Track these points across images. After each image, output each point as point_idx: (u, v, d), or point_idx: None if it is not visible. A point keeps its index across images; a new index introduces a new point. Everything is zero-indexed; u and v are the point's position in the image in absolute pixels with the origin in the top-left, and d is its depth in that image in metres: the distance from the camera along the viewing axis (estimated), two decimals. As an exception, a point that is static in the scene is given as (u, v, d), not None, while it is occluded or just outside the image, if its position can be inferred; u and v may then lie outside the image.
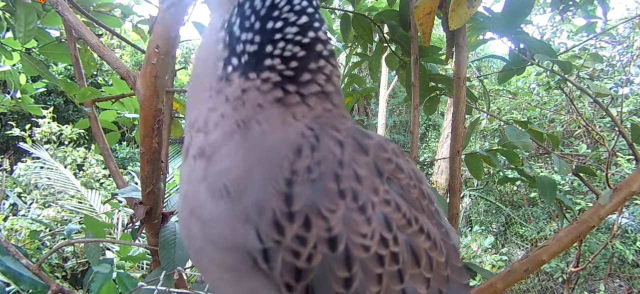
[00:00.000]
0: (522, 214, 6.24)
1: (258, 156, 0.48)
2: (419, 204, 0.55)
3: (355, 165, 0.49)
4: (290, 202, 0.45)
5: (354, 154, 0.49)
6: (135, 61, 8.61)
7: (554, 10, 2.49)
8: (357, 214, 0.47)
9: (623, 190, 1.18)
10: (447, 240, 0.60)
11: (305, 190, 0.46)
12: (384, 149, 0.53)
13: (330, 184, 0.46)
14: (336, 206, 0.46)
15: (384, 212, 0.49)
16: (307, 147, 0.47)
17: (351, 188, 0.47)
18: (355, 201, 0.47)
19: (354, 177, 0.48)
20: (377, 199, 0.49)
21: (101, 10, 1.77)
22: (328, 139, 0.49)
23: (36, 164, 5.18)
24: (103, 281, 1.40)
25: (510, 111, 6.10)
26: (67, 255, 4.11)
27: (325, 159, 0.47)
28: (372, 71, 2.06)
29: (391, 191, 0.51)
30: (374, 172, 0.50)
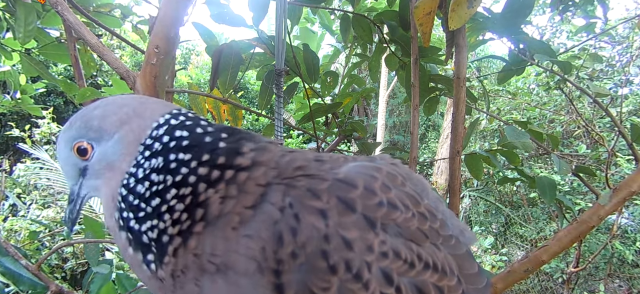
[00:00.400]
0: (522, 214, 6.24)
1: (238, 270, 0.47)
2: (420, 234, 0.54)
3: (343, 231, 0.47)
4: (282, 291, 0.45)
5: (339, 219, 0.47)
6: (135, 61, 8.61)
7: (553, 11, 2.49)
8: (353, 283, 0.46)
9: (623, 190, 1.18)
10: (458, 251, 0.59)
11: (295, 276, 0.45)
12: (372, 193, 0.51)
13: (319, 263, 0.45)
14: (329, 282, 0.45)
15: (381, 267, 0.48)
16: (287, 232, 0.46)
17: (342, 259, 0.46)
18: (348, 271, 0.46)
19: (343, 246, 0.46)
20: (372, 257, 0.48)
21: (101, 10, 1.77)
22: (308, 214, 0.47)
23: (36, 165, 5.18)
24: (102, 282, 1.40)
25: (509, 111, 6.10)
26: (67, 256, 4.10)
27: (309, 240, 0.46)
28: (371, 72, 2.06)
29: (388, 237, 0.50)
30: (365, 227, 0.48)
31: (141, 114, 0.54)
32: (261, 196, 0.49)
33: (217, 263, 0.48)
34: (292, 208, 0.47)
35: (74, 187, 0.58)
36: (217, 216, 0.49)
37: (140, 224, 0.51)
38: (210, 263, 0.48)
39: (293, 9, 1.71)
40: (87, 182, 0.56)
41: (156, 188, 0.50)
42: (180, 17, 0.79)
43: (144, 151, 0.52)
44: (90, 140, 0.54)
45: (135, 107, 0.54)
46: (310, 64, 1.63)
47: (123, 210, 0.52)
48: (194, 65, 9.77)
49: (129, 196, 0.51)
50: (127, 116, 0.53)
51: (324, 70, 1.99)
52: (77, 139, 0.55)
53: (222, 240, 0.48)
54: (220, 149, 0.51)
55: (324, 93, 1.87)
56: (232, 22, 1.51)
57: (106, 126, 0.53)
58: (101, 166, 0.54)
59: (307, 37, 2.70)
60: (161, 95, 0.88)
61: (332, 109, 1.76)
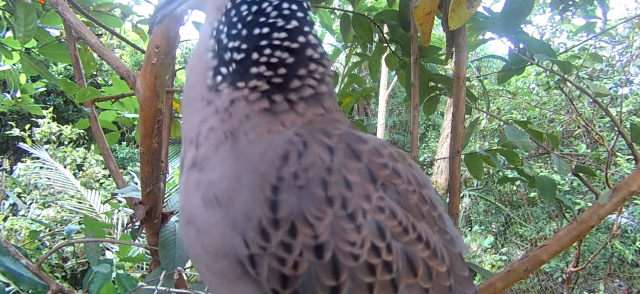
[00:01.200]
0: (522, 214, 6.24)
1: (245, 164, 0.49)
2: (418, 211, 0.53)
3: (346, 171, 0.48)
4: (275, 209, 0.45)
5: (344, 160, 0.48)
6: (135, 61, 8.60)
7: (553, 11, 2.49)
8: (346, 222, 0.46)
9: (622, 190, 1.19)
10: (451, 248, 0.58)
11: (291, 197, 0.45)
12: (379, 154, 0.52)
13: (318, 191, 0.46)
14: (323, 213, 0.45)
15: (376, 219, 0.48)
16: (294, 154, 0.47)
17: (340, 195, 0.46)
18: (344, 208, 0.46)
19: (344, 183, 0.47)
20: (369, 206, 0.48)
21: (101, 10, 1.77)
22: (317, 145, 0.48)
23: (36, 164, 5.18)
24: (103, 282, 1.40)
25: (509, 111, 6.10)
26: (67, 255, 4.11)
27: (312, 166, 0.46)
28: (371, 71, 2.06)
29: (386, 197, 0.50)
30: (367, 178, 0.49)
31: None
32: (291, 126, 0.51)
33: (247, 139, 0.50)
34: (303, 137, 0.48)
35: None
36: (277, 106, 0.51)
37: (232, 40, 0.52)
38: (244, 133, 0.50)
39: (293, 9, 1.71)
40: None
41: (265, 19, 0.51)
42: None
43: None
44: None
45: None
46: (311, 64, 1.63)
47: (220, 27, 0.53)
48: (194, 65, 9.75)
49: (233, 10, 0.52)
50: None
51: (324, 69, 1.99)
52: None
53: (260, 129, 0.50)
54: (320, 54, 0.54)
55: (324, 93, 1.86)
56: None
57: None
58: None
59: (307, 36, 2.70)
60: (162, 95, 0.88)
61: (332, 109, 1.76)
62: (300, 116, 0.52)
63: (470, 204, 6.64)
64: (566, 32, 5.64)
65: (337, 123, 0.55)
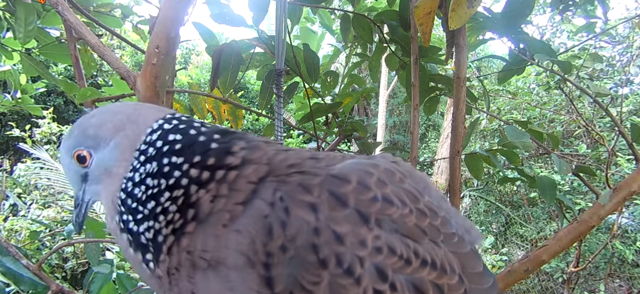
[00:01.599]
0: (522, 214, 6.24)
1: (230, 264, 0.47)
2: (418, 231, 0.52)
3: (334, 225, 0.46)
4: (271, 285, 0.45)
5: (330, 213, 0.47)
6: (135, 61, 8.60)
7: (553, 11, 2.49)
8: (344, 278, 0.45)
9: (623, 190, 1.18)
10: (460, 249, 0.57)
11: (284, 269, 0.45)
12: (366, 188, 0.50)
13: (309, 257, 0.45)
14: (319, 277, 0.45)
15: (375, 263, 0.47)
16: (277, 226, 0.46)
17: (333, 253, 0.45)
18: (339, 265, 0.45)
19: (334, 240, 0.46)
20: (365, 252, 0.47)
21: (101, 10, 1.78)
22: (298, 208, 0.46)
23: (36, 165, 5.18)
24: (103, 282, 1.40)
25: (510, 111, 6.10)
26: (67, 256, 4.11)
27: (299, 233, 0.45)
28: (372, 71, 2.06)
29: (382, 233, 0.49)
30: (358, 222, 0.47)
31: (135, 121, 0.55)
32: (252, 193, 0.49)
33: (208, 259, 0.48)
34: (283, 202, 0.47)
35: (78, 193, 0.60)
36: (208, 214, 0.49)
37: (138, 226, 0.52)
38: (202, 259, 0.49)
39: (293, 9, 1.71)
40: (89, 187, 0.59)
41: (151, 192, 0.52)
42: (181, 17, 0.79)
43: (139, 156, 0.54)
44: (88, 147, 0.56)
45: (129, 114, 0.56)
46: (311, 64, 1.63)
47: (123, 213, 0.54)
48: (194, 65, 9.77)
49: (127, 200, 0.53)
50: (121, 123, 0.55)
51: (324, 70, 1.99)
52: (75, 147, 0.57)
53: (212, 237, 0.48)
54: (211, 150, 0.52)
55: (324, 93, 1.87)
56: (232, 22, 1.51)
57: (102, 133, 0.55)
58: (100, 171, 0.56)
59: (308, 36, 2.71)
60: (162, 95, 0.88)
61: (333, 109, 1.76)
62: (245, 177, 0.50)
63: (471, 205, 6.64)
64: (566, 32, 5.65)
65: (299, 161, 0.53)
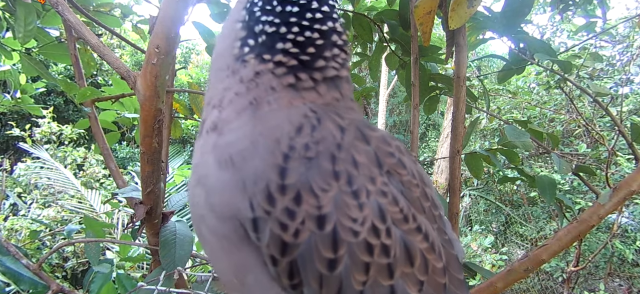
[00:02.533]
0: (522, 213, 6.24)
1: (263, 130, 0.50)
2: (420, 205, 0.53)
3: (354, 151, 0.49)
4: (284, 176, 0.46)
5: (354, 140, 0.50)
6: (135, 61, 8.60)
7: (553, 10, 2.49)
8: (350, 198, 0.47)
9: (622, 189, 1.18)
10: (449, 248, 0.57)
11: (300, 166, 0.46)
12: (387, 143, 0.53)
13: (326, 164, 0.47)
14: (329, 186, 0.46)
15: (379, 202, 0.48)
16: (307, 126, 0.49)
17: (346, 171, 0.47)
18: (349, 184, 0.47)
19: (351, 161, 0.48)
20: (373, 188, 0.48)
21: (101, 10, 1.77)
22: (330, 122, 0.50)
23: (36, 164, 5.18)
24: (103, 281, 1.40)
25: (510, 110, 6.10)
26: (68, 255, 4.11)
27: (323, 140, 0.48)
28: (371, 71, 2.06)
29: (390, 183, 0.50)
30: (374, 161, 0.50)
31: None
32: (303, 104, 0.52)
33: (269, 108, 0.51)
34: (317, 113, 0.51)
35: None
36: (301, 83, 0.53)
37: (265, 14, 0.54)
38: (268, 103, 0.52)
39: (293, 8, 1.71)
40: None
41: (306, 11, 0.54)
42: (181, 17, 0.79)
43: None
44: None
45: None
46: (311, 64, 1.63)
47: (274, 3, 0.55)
48: (194, 64, 9.77)
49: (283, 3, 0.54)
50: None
51: (324, 69, 1.99)
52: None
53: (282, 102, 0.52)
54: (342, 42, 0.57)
55: (324, 92, 1.86)
56: (232, 21, 1.51)
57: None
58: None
59: (307, 36, 2.70)
60: (162, 95, 0.88)
61: (332, 109, 1.76)
62: (321, 96, 0.54)
63: (471, 204, 6.64)
64: (567, 32, 5.64)
65: (352, 111, 0.57)
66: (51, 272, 3.93)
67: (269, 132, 0.49)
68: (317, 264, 0.46)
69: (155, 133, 0.94)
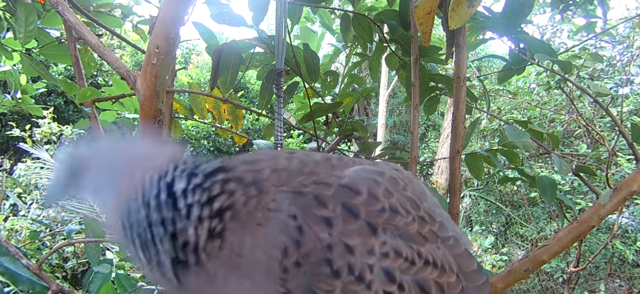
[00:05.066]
0: (522, 214, 6.23)
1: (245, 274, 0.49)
2: (420, 237, 0.57)
3: (346, 238, 0.50)
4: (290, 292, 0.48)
5: (344, 226, 0.50)
6: (135, 61, 8.60)
7: (554, 10, 2.49)
8: (356, 285, 0.49)
9: (623, 190, 1.18)
10: (456, 250, 0.62)
11: (300, 282, 0.48)
12: (375, 199, 0.54)
13: (323, 269, 0.48)
14: (332, 286, 0.49)
15: (383, 267, 0.52)
16: (291, 244, 0.48)
17: (345, 264, 0.49)
18: (351, 273, 0.49)
19: (346, 251, 0.49)
20: (374, 260, 0.51)
21: (101, 10, 1.78)
22: (313, 224, 0.49)
23: (36, 165, 5.18)
24: (103, 282, 1.40)
25: (510, 111, 6.10)
26: (68, 255, 4.11)
27: (313, 251, 0.48)
28: (372, 71, 2.06)
29: (389, 240, 0.53)
30: (367, 233, 0.52)
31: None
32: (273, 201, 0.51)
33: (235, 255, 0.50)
34: (297, 220, 0.49)
35: None
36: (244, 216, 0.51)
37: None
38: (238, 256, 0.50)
39: (293, 9, 1.71)
40: None
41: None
42: (181, 17, 0.79)
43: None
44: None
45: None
46: (311, 64, 1.63)
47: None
48: (194, 65, 9.77)
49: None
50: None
51: (324, 69, 1.99)
52: None
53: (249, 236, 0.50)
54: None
55: (325, 93, 1.87)
56: (232, 21, 1.51)
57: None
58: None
59: (308, 36, 2.71)
60: (162, 95, 0.88)
61: (333, 109, 1.76)
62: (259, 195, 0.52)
63: (471, 204, 6.64)
64: (567, 32, 5.64)
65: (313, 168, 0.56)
66: (51, 272, 3.93)
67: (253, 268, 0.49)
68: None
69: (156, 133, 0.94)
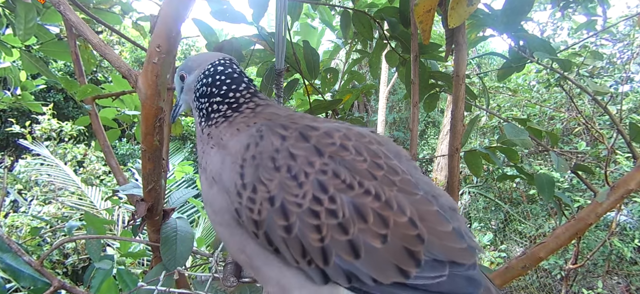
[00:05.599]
0: (521, 211, 6.25)
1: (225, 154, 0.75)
2: (369, 174, 0.67)
3: (292, 149, 0.68)
4: (243, 178, 0.69)
5: (294, 142, 0.68)
6: (135, 57, 8.58)
7: (554, 7, 2.49)
8: (290, 181, 0.66)
9: (620, 188, 1.19)
10: (423, 206, 0.67)
11: (252, 169, 0.68)
12: (328, 136, 0.70)
13: (268, 163, 0.68)
14: (272, 177, 0.67)
15: (319, 179, 0.65)
16: (252, 144, 0.71)
17: (286, 164, 0.67)
18: (288, 172, 0.66)
19: (289, 156, 0.67)
20: (311, 170, 0.66)
21: (101, 7, 1.77)
22: (271, 135, 0.70)
23: (36, 161, 5.19)
24: (104, 277, 1.40)
25: (510, 108, 6.10)
26: (68, 251, 4.12)
27: (265, 149, 0.69)
28: (372, 68, 2.06)
29: (331, 163, 0.67)
30: (313, 152, 0.67)
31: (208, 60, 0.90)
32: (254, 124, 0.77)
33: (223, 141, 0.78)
34: (261, 132, 0.72)
35: (178, 97, 0.97)
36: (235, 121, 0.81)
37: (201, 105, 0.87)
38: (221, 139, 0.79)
39: (293, 5, 1.71)
40: (183, 95, 0.95)
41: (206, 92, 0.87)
42: (182, 16, 0.79)
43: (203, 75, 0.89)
44: (185, 71, 0.92)
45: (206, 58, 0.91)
46: (311, 61, 1.64)
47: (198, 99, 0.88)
48: (194, 62, 9.72)
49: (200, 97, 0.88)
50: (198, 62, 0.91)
51: (324, 66, 1.99)
52: (181, 70, 0.93)
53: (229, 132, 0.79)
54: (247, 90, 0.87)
55: (324, 89, 1.87)
56: (232, 18, 1.51)
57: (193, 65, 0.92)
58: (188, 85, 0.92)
59: (307, 33, 2.70)
60: (163, 93, 0.89)
61: (332, 106, 1.76)
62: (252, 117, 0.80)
63: (470, 201, 6.66)
64: (567, 29, 5.63)
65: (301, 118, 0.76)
66: (52, 268, 3.95)
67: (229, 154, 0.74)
68: (278, 231, 0.66)
69: (157, 131, 0.94)
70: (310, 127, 0.71)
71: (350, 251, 0.63)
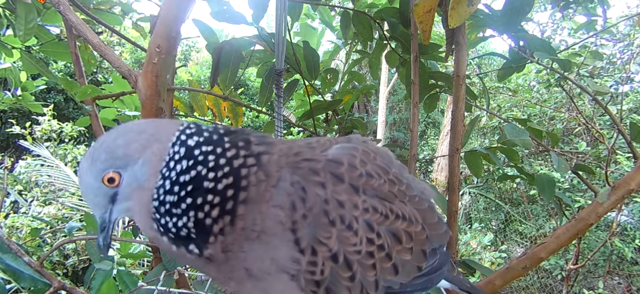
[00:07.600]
0: (522, 211, 6.25)
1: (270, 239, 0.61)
2: (392, 194, 0.71)
3: (337, 195, 0.65)
4: (299, 243, 0.62)
5: (334, 187, 0.65)
6: (135, 58, 8.59)
7: (554, 8, 2.49)
8: (346, 232, 0.64)
9: (621, 188, 1.19)
10: (421, 206, 0.77)
11: (307, 230, 0.62)
12: (354, 168, 0.69)
13: (323, 220, 0.63)
14: (330, 233, 0.63)
15: (365, 219, 0.67)
16: (298, 202, 0.62)
17: (338, 215, 0.64)
18: (342, 223, 0.64)
19: (338, 205, 0.64)
20: (358, 213, 0.66)
21: (101, 7, 1.78)
22: (312, 186, 0.64)
23: (37, 162, 5.19)
24: (104, 278, 1.40)
25: (510, 109, 6.09)
26: (69, 252, 4.12)
27: (314, 205, 0.63)
28: (372, 68, 2.06)
29: (367, 198, 0.68)
30: (352, 192, 0.67)
31: (159, 138, 0.61)
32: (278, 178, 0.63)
33: (257, 231, 0.61)
34: (300, 184, 0.63)
35: (104, 216, 0.64)
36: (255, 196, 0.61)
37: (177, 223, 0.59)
38: (253, 231, 0.61)
39: (293, 6, 1.71)
40: (117, 206, 0.63)
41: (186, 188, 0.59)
42: (182, 17, 0.79)
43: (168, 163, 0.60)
44: (117, 168, 0.60)
45: (153, 132, 0.62)
46: (311, 61, 1.64)
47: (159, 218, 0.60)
48: (195, 62, 9.76)
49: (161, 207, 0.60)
50: (147, 141, 0.60)
51: (324, 67, 1.99)
52: (105, 170, 0.60)
53: (258, 213, 0.61)
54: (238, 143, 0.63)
55: (324, 90, 1.87)
56: (232, 19, 1.51)
57: (130, 152, 0.59)
58: (131, 189, 0.61)
59: (308, 33, 2.70)
60: (162, 93, 0.89)
61: (333, 106, 1.76)
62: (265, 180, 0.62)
63: (470, 202, 6.65)
64: (567, 29, 5.63)
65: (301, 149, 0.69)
66: (52, 269, 3.95)
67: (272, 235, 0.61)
68: (342, 282, 0.66)
69: (156, 131, 0.94)
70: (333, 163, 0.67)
71: (393, 272, 0.71)
